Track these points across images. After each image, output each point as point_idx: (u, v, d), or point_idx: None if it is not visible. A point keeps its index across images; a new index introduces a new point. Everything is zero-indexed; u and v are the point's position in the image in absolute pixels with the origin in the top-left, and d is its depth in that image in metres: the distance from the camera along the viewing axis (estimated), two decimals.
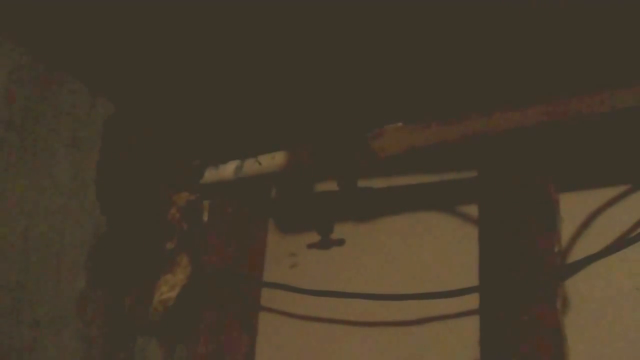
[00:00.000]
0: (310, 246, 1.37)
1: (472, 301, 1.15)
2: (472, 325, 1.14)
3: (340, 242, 1.34)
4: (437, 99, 1.14)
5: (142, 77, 1.19)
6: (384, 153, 1.10)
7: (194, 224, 1.31)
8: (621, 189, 1.12)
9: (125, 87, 1.19)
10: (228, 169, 1.26)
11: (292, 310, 1.35)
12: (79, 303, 1.11)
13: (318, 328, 1.32)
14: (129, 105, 1.21)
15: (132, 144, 1.23)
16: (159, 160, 1.28)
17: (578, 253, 1.11)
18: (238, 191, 1.37)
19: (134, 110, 1.22)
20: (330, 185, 1.32)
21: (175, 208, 1.28)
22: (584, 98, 0.99)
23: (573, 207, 1.13)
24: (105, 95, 1.17)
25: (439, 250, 1.25)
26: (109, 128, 1.19)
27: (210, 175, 1.28)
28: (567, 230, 1.13)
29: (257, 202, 1.43)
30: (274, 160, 1.20)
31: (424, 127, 1.08)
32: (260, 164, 1.21)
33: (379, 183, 1.32)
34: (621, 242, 1.05)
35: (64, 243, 1.09)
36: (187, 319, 1.28)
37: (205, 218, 1.33)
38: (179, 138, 1.31)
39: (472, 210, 1.22)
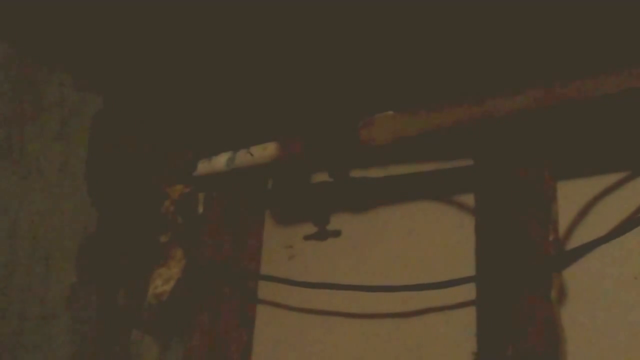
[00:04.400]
0: (307, 237, 1.36)
1: (469, 292, 1.14)
2: (469, 316, 1.13)
3: (337, 234, 1.32)
4: (429, 87, 1.12)
5: (131, 70, 1.19)
6: (374, 142, 1.08)
7: (189, 217, 1.30)
8: (619, 175, 1.09)
9: (114, 80, 1.19)
10: (220, 161, 1.25)
11: (290, 303, 1.34)
12: (69, 298, 1.11)
13: (316, 320, 1.31)
14: (118, 99, 1.21)
15: (122, 138, 1.23)
16: (150, 154, 1.28)
17: (575, 241, 1.08)
18: (233, 183, 1.36)
19: (123, 103, 1.22)
20: (327, 176, 1.32)
21: (169, 201, 1.27)
22: (577, 83, 0.97)
23: (570, 194, 1.11)
24: (93, 88, 1.16)
25: (436, 240, 1.23)
26: (98, 121, 1.18)
27: (203, 167, 1.28)
28: (564, 218, 1.11)
29: (253, 193, 1.41)
30: (265, 151, 1.19)
31: (414, 115, 1.06)
32: (252, 155, 1.20)
33: (374, 173, 1.30)
34: (619, 230, 1.02)
35: (52, 237, 1.09)
36: (182, 313, 1.28)
37: (200, 211, 1.33)
38: (170, 131, 1.30)
39: (469, 199, 1.20)
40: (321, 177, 1.35)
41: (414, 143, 1.10)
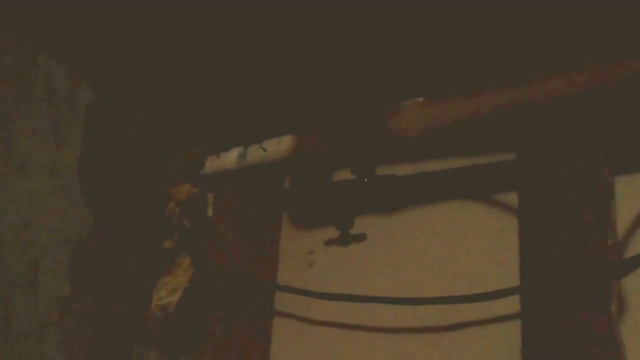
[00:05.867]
0: (328, 243, 1.30)
1: (512, 304, 1.06)
2: (512, 331, 1.05)
3: (361, 238, 1.26)
4: (464, 69, 1.03)
5: (128, 56, 1.11)
6: (403, 133, 1.00)
7: (197, 220, 1.23)
8: None
9: (110, 68, 1.12)
10: (230, 157, 1.20)
11: (310, 315, 1.28)
12: (62, 311, 1.04)
13: (339, 334, 1.25)
14: (115, 89, 1.14)
15: (120, 132, 1.16)
16: (152, 150, 1.21)
17: (637, 246, 1.00)
18: (247, 182, 1.30)
19: (120, 93, 1.15)
20: (350, 174, 1.23)
21: (174, 202, 1.22)
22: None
23: (631, 192, 1.03)
24: (87, 77, 1.10)
25: (474, 245, 1.16)
26: (92, 114, 1.11)
27: (212, 164, 1.23)
28: (623, 219, 1.02)
29: (269, 194, 1.36)
30: (280, 145, 1.13)
31: (448, 102, 0.98)
32: (265, 150, 1.14)
33: (403, 169, 1.23)
34: None
35: (41, 243, 1.02)
36: (191, 326, 1.21)
37: (210, 213, 1.26)
38: (174, 124, 1.23)
39: (511, 198, 1.12)
40: (344, 175, 1.28)
41: (448, 134, 1.02)
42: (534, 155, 1.07)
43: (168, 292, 1.17)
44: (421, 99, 1.00)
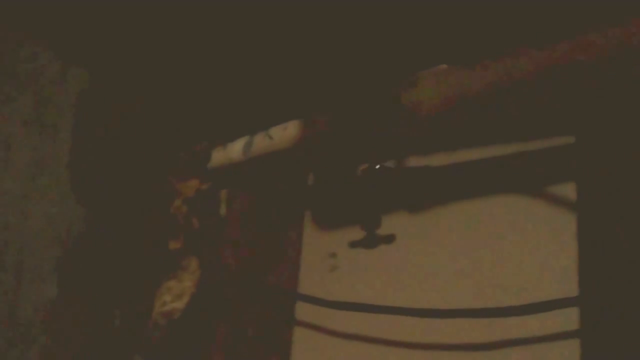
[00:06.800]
0: (353, 244, 1.21)
1: (569, 318, 0.96)
2: (569, 351, 0.95)
3: (390, 239, 1.17)
4: (494, 32, 0.90)
5: (125, 37, 1.07)
6: (422, 110, 0.89)
7: (207, 219, 1.19)
8: None
9: (104, 50, 1.08)
10: (236, 147, 1.15)
11: (334, 326, 1.20)
12: (47, 317, 0.99)
13: (365, 347, 1.16)
14: (109, 72, 1.10)
15: (116, 120, 1.13)
16: (154, 141, 1.18)
17: None
18: (266, 178, 1.24)
19: (118, 80, 1.12)
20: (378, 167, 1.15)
21: (180, 199, 1.19)
22: None
23: None
24: (79, 62, 1.06)
25: (522, 247, 1.04)
26: (84, 100, 1.08)
27: (218, 156, 1.18)
28: None
29: (290, 190, 1.29)
30: (286, 131, 1.06)
31: (476, 68, 0.85)
32: (271, 137, 1.08)
33: (437, 160, 1.13)
34: None
35: (24, 242, 0.99)
36: (198, 335, 1.16)
37: (223, 212, 1.21)
38: (178, 115, 1.20)
39: (568, 190, 1.02)
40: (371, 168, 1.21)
41: (480, 109, 0.89)
42: (596, 139, 0.97)
43: (173, 298, 1.13)
44: (444, 65, 0.88)
